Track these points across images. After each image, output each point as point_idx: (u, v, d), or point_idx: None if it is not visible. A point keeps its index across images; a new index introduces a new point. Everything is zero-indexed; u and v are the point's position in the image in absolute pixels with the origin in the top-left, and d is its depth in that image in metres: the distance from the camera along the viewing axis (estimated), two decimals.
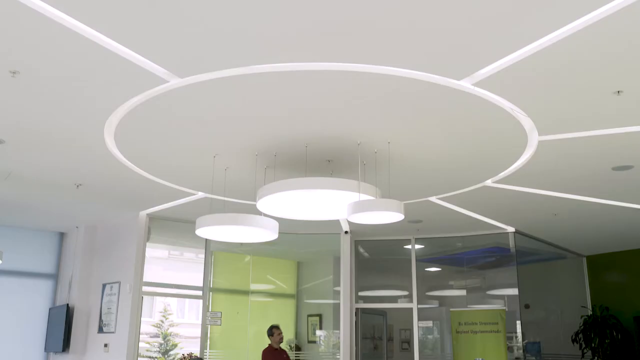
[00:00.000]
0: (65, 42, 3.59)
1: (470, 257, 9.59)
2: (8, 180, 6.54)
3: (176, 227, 8.43)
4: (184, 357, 4.88)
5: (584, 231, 8.87)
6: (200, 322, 8.66)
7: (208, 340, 8.65)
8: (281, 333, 7.80)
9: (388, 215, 5.14)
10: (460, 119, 4.82)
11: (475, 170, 6.14)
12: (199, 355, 7.99)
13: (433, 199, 7.16)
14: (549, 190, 6.74)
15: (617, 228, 8.59)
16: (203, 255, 8.78)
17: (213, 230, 5.78)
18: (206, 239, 8.58)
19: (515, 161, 5.79)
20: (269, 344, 7.74)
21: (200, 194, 7.04)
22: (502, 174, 6.18)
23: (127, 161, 5.94)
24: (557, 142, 5.24)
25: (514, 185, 6.53)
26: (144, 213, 8.02)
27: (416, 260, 9.21)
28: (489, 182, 6.48)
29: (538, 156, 5.57)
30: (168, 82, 4.18)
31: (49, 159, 5.95)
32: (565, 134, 5.08)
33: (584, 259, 10.76)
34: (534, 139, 5.18)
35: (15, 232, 8.93)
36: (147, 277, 8.05)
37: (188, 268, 9.99)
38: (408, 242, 9.27)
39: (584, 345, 9.76)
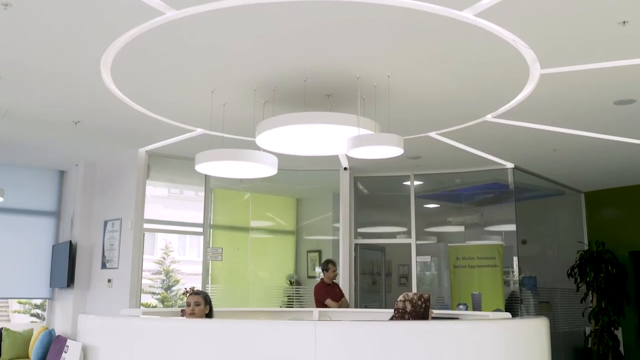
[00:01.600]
0: None
1: (469, 194, 9.65)
2: (5, 118, 6.49)
3: (176, 164, 8.44)
4: (186, 292, 4.97)
5: (583, 167, 8.88)
6: (201, 259, 8.77)
7: (209, 276, 8.79)
8: (336, 269, 7.79)
9: (387, 150, 5.13)
10: (461, 51, 4.74)
11: (476, 105, 6.09)
12: (200, 289, 8.13)
13: (432, 134, 7.14)
14: (550, 125, 6.71)
15: (617, 164, 8.61)
16: (203, 194, 8.82)
17: (213, 166, 5.78)
18: (206, 176, 8.60)
19: (516, 95, 5.74)
20: (322, 279, 7.75)
21: (199, 131, 7.01)
22: (503, 109, 6.14)
23: (124, 97, 5.88)
24: (559, 75, 5.18)
25: (514, 120, 6.49)
26: (143, 150, 8.01)
27: (415, 197, 9.26)
28: (489, 117, 6.44)
29: (539, 90, 5.51)
30: (164, 14, 4.09)
31: (45, 96, 5.89)
32: (568, 67, 5.01)
33: (582, 195, 10.82)
34: (535, 72, 5.11)
35: (16, 171, 8.95)
36: (147, 216, 8.12)
37: (188, 206, 10.06)
38: (407, 178, 9.30)
39: (579, 280, 9.94)
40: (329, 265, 7.75)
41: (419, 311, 4.71)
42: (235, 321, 4.89)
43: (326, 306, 7.47)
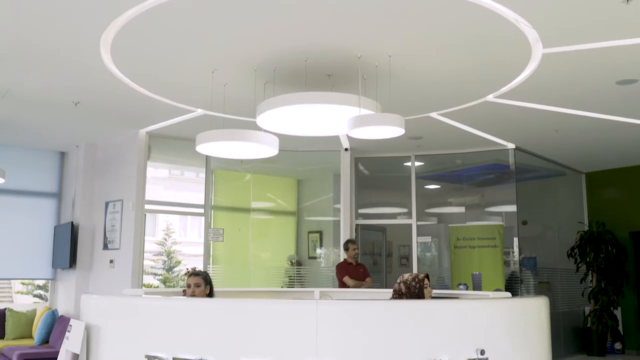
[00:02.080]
0: None
1: (470, 174, 9.64)
2: (5, 98, 6.47)
3: (176, 145, 8.43)
4: (188, 272, 4.98)
5: (584, 147, 8.87)
6: (202, 240, 8.80)
7: (210, 256, 8.82)
8: (357, 248, 7.83)
9: (389, 130, 5.12)
10: (463, 30, 4.71)
11: (477, 85, 6.07)
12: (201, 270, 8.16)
13: (433, 114, 7.12)
14: (551, 105, 6.69)
15: (618, 144, 8.60)
16: (203, 175, 8.82)
17: (213, 147, 5.78)
18: (206, 157, 8.60)
19: (518, 75, 5.71)
20: (344, 259, 7.78)
21: (200, 111, 6.99)
22: (504, 89, 6.11)
23: (124, 78, 5.86)
24: (562, 55, 5.15)
25: (515, 100, 6.47)
26: (143, 131, 8.00)
27: (416, 178, 9.26)
28: (490, 97, 6.41)
29: (541, 70, 5.49)
30: None
31: (45, 77, 5.87)
32: (570, 46, 4.98)
33: (583, 176, 10.82)
34: (538, 51, 5.08)
35: (16, 152, 8.94)
36: (149, 197, 8.13)
37: (189, 187, 10.07)
38: (408, 159, 9.29)
39: (579, 260, 9.99)
40: (348, 244, 7.81)
41: (414, 292, 4.73)
42: (237, 300, 4.91)
43: (345, 284, 7.50)
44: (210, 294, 4.85)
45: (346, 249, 7.81)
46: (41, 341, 7.87)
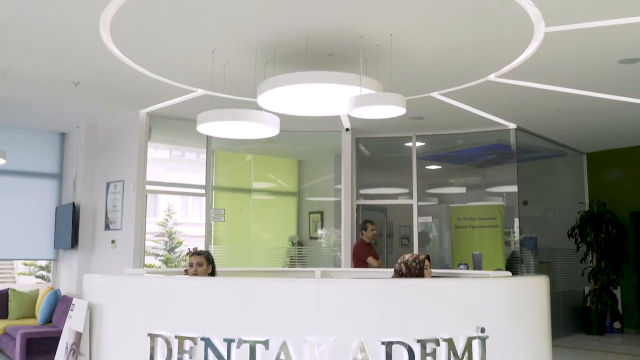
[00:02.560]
0: None
1: (471, 155, 9.64)
2: (4, 79, 6.45)
3: (177, 125, 8.42)
4: (189, 252, 5.00)
5: (585, 127, 8.85)
6: (203, 221, 8.82)
7: (212, 237, 8.85)
8: (375, 229, 7.70)
9: (390, 110, 5.11)
10: (465, 9, 4.68)
11: (479, 64, 6.04)
12: (203, 249, 8.20)
13: (435, 94, 7.09)
14: (553, 85, 6.66)
15: (619, 124, 8.58)
16: (204, 156, 8.81)
17: (214, 127, 5.76)
18: (207, 138, 8.59)
19: (520, 54, 5.68)
20: (361, 239, 7.66)
21: (200, 91, 6.97)
22: (506, 68, 6.08)
23: (124, 57, 5.83)
24: (564, 34, 5.12)
25: (517, 80, 6.44)
26: (144, 111, 7.98)
27: (417, 158, 9.25)
28: (492, 77, 6.39)
29: (543, 49, 5.46)
30: None
31: (44, 57, 5.84)
32: (573, 25, 4.94)
33: (584, 156, 10.81)
34: (540, 30, 5.05)
35: (17, 133, 8.94)
36: (150, 178, 8.14)
37: (190, 168, 10.08)
38: (409, 139, 9.28)
39: (579, 240, 10.02)
40: (367, 224, 7.67)
41: (414, 272, 4.77)
42: (239, 279, 4.94)
43: (367, 265, 7.48)
44: (213, 273, 4.88)
45: (364, 229, 7.66)
46: (44, 321, 7.93)
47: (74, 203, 8.57)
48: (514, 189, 8.83)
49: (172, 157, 11.28)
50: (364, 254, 7.62)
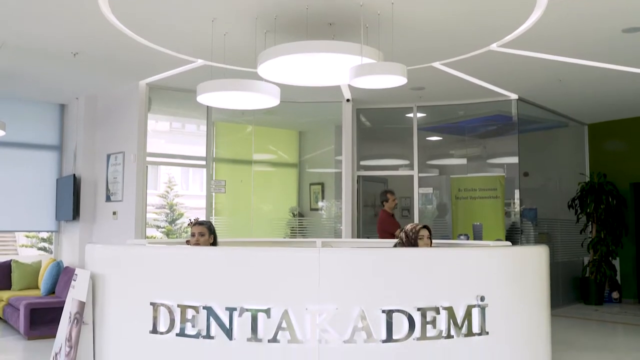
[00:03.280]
0: None
1: (472, 126, 9.61)
2: (3, 50, 6.40)
3: (177, 96, 8.38)
4: (191, 223, 5.02)
5: (587, 98, 8.81)
6: (204, 193, 8.83)
7: (213, 208, 8.87)
8: (396, 199, 7.44)
9: (391, 79, 5.08)
10: None
11: (481, 33, 5.98)
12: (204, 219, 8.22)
13: (436, 64, 7.04)
14: (556, 54, 6.60)
15: (622, 95, 8.53)
16: (204, 128, 8.79)
17: (214, 97, 5.74)
18: (207, 109, 8.56)
19: (522, 23, 5.62)
20: (383, 210, 7.42)
21: (200, 62, 6.92)
22: (508, 37, 6.03)
23: (123, 27, 5.78)
24: (567, 2, 5.06)
25: (519, 49, 6.39)
26: (143, 82, 7.93)
27: (417, 129, 9.23)
28: (494, 47, 6.33)
29: (546, 17, 5.40)
30: None
31: (42, 26, 5.79)
32: None
33: (586, 127, 10.78)
34: None
35: (16, 104, 8.90)
36: (150, 150, 8.12)
37: (190, 141, 10.07)
38: (410, 110, 9.24)
39: (579, 211, 10.04)
40: (387, 195, 7.42)
41: (410, 241, 4.82)
42: (240, 248, 4.97)
43: (395, 237, 7.36)
44: (214, 243, 4.90)
45: (385, 199, 7.39)
46: (47, 292, 7.99)
47: (74, 175, 8.58)
48: (514, 160, 8.83)
49: (173, 129, 11.25)
50: (392, 227, 7.35)
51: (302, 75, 5.68)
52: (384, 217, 7.50)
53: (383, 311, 3.66)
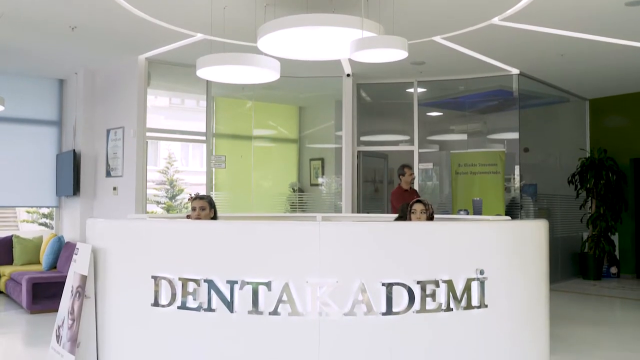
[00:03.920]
0: None
1: (472, 101, 9.57)
2: (1, 22, 6.35)
3: (176, 71, 8.34)
4: (191, 197, 5.02)
5: (589, 73, 8.76)
6: (204, 169, 8.83)
7: (213, 184, 8.88)
8: (413, 173, 7.33)
9: (392, 53, 5.04)
10: None
11: (483, 7, 5.93)
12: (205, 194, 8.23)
13: (437, 38, 6.99)
14: (558, 28, 6.55)
15: (624, 69, 8.48)
16: (204, 104, 8.75)
17: (214, 71, 5.71)
18: (207, 84, 8.53)
19: None
20: (399, 185, 7.31)
21: (200, 36, 6.86)
22: (510, 11, 5.97)
23: (121, 0, 5.72)
24: None
25: (521, 23, 6.34)
26: (142, 57, 7.88)
27: (418, 105, 9.19)
28: (495, 20, 6.28)
29: None
30: None
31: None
32: None
33: (587, 103, 10.74)
34: None
35: (15, 80, 8.86)
36: (150, 126, 8.10)
37: (190, 116, 10.03)
38: (410, 85, 9.20)
39: (579, 187, 10.05)
40: (404, 169, 7.29)
41: (405, 215, 4.84)
42: (241, 222, 4.99)
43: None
44: (215, 218, 4.92)
45: (402, 173, 7.28)
46: (49, 266, 8.04)
47: (74, 150, 8.56)
48: (515, 135, 8.81)
49: (172, 104, 11.21)
50: (398, 201, 7.08)
51: (302, 49, 5.64)
52: (396, 191, 7.40)
53: (383, 284, 3.68)
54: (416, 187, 9.11)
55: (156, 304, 3.89)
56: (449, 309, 3.79)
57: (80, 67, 8.55)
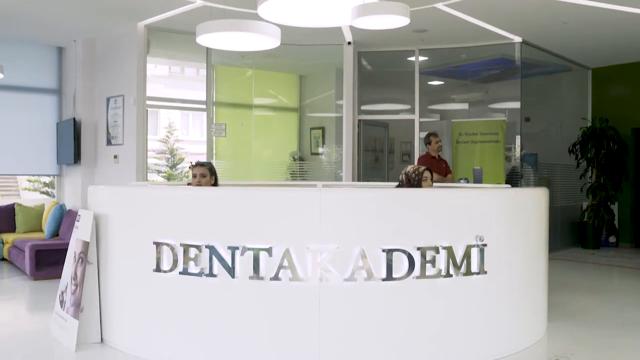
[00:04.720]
0: None
1: (474, 70, 9.50)
2: None
3: (176, 39, 8.26)
4: (192, 165, 5.03)
5: (592, 41, 8.68)
6: (204, 138, 8.81)
7: (214, 153, 8.87)
8: (439, 141, 7.36)
9: (393, 20, 4.99)
10: None
11: None
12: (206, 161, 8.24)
13: (439, 5, 6.92)
14: None
15: (627, 38, 8.40)
16: (204, 72, 8.70)
17: (214, 38, 5.65)
18: (207, 52, 8.46)
19: None
20: (427, 152, 7.39)
21: (199, 2, 6.80)
22: None
23: None
24: None
25: None
26: (142, 24, 7.81)
27: (419, 73, 9.14)
28: None
29: None
30: None
31: None
32: None
33: (589, 72, 10.67)
34: None
35: (13, 47, 8.79)
36: (150, 94, 8.06)
37: (190, 85, 9.99)
38: (412, 53, 9.13)
39: (580, 156, 10.05)
40: (430, 137, 7.34)
41: (413, 183, 4.84)
42: (242, 188, 5.01)
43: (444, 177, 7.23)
44: (215, 185, 4.93)
45: (428, 142, 7.34)
46: (51, 234, 8.09)
47: (74, 118, 8.55)
48: (516, 105, 8.77)
49: (172, 73, 11.14)
50: (437, 169, 7.07)
51: (303, 16, 5.58)
52: (423, 157, 7.36)
53: (383, 250, 3.71)
54: (416, 156, 9.12)
55: (158, 269, 3.93)
56: (448, 275, 3.83)
57: (79, 35, 8.48)
